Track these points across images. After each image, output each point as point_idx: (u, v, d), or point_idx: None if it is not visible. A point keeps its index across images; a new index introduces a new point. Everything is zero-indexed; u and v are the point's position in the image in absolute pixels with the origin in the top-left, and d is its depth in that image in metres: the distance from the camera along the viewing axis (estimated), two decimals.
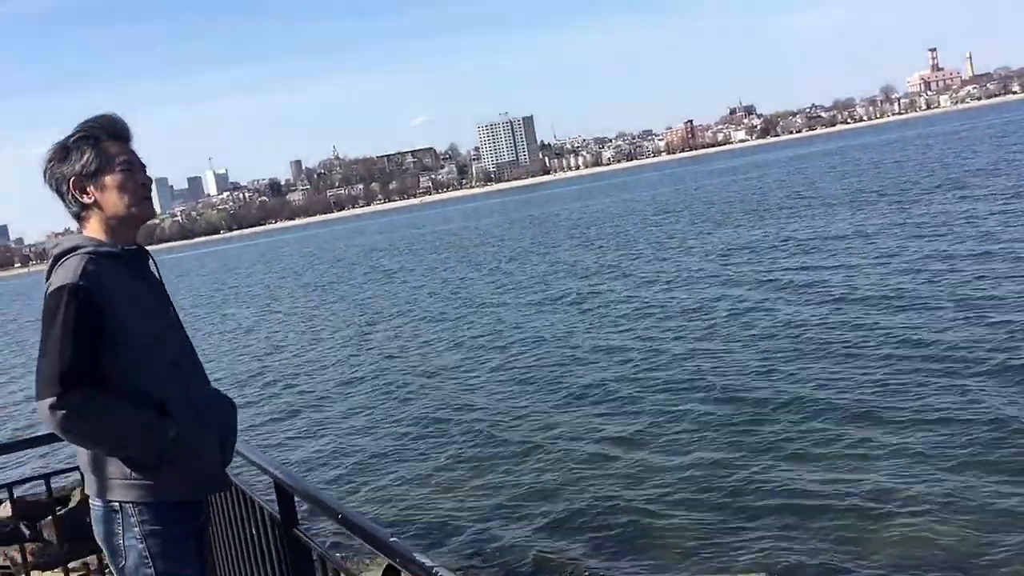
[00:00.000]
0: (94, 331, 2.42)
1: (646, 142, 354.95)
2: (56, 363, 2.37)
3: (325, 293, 35.93)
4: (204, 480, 2.68)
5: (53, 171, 2.62)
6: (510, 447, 10.90)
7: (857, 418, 9.73)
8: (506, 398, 13.33)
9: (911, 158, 58.67)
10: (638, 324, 17.25)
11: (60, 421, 2.37)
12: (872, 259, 20.10)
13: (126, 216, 2.66)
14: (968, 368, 10.82)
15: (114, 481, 2.53)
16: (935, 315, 13.76)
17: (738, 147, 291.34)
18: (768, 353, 13.17)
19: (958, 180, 36.05)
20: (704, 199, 55.19)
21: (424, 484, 10.14)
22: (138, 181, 2.68)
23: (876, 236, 23.84)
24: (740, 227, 33.00)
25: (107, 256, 2.55)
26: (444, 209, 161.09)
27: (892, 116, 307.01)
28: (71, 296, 2.41)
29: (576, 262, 30.74)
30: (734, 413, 10.64)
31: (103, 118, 2.67)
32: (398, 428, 12.79)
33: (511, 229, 59.87)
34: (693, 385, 12.15)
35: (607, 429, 10.91)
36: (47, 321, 2.42)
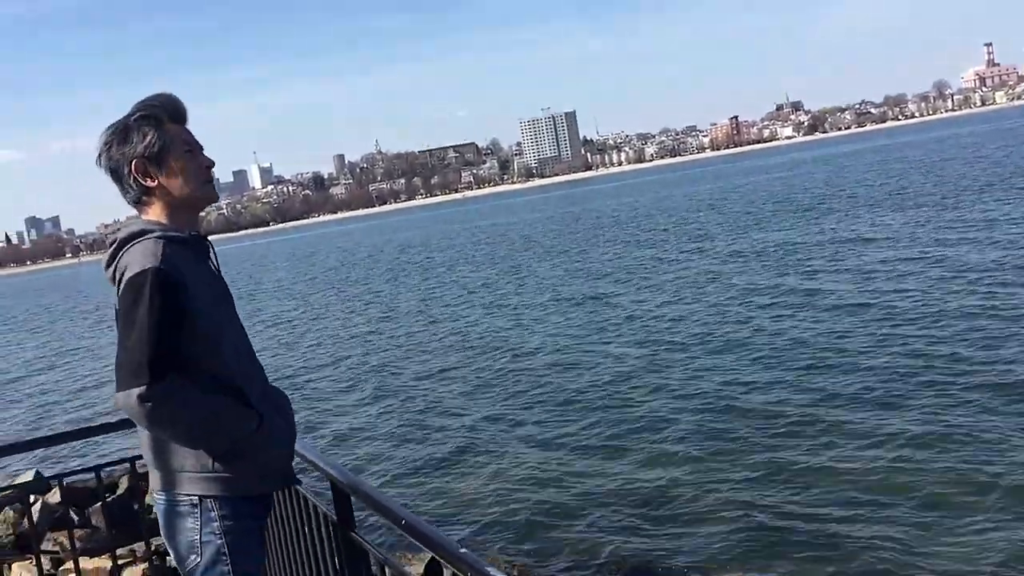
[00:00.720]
0: (178, 317, 2.32)
1: (690, 138, 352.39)
2: (144, 350, 2.25)
3: (354, 290, 36.05)
4: (277, 474, 2.59)
5: (112, 153, 2.49)
6: (531, 449, 10.78)
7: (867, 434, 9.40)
8: (510, 401, 13.23)
9: (958, 156, 57.32)
10: (665, 327, 17.00)
11: (149, 412, 2.26)
12: (897, 267, 19.35)
13: (191, 200, 2.56)
14: (977, 382, 10.44)
15: (191, 474, 2.43)
16: (947, 327, 13.29)
17: (784, 144, 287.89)
18: (770, 362, 12.95)
19: (1004, 180, 35.11)
20: (742, 198, 54.38)
21: (466, 479, 10.06)
22: (202, 164, 2.57)
23: (905, 242, 23.13)
24: (769, 229, 32.51)
25: (176, 241, 2.44)
26: (484, 204, 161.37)
27: (945, 113, 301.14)
28: (155, 280, 2.30)
29: (606, 262, 30.54)
30: (744, 424, 10.39)
31: (162, 97, 2.55)
32: (421, 420, 12.88)
33: (548, 226, 59.64)
34: (698, 394, 11.93)
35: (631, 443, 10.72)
36: (130, 307, 2.30)
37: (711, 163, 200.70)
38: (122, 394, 2.26)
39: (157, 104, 2.52)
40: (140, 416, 2.27)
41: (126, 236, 2.45)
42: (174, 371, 2.29)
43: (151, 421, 2.29)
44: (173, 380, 2.28)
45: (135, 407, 2.25)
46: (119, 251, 2.45)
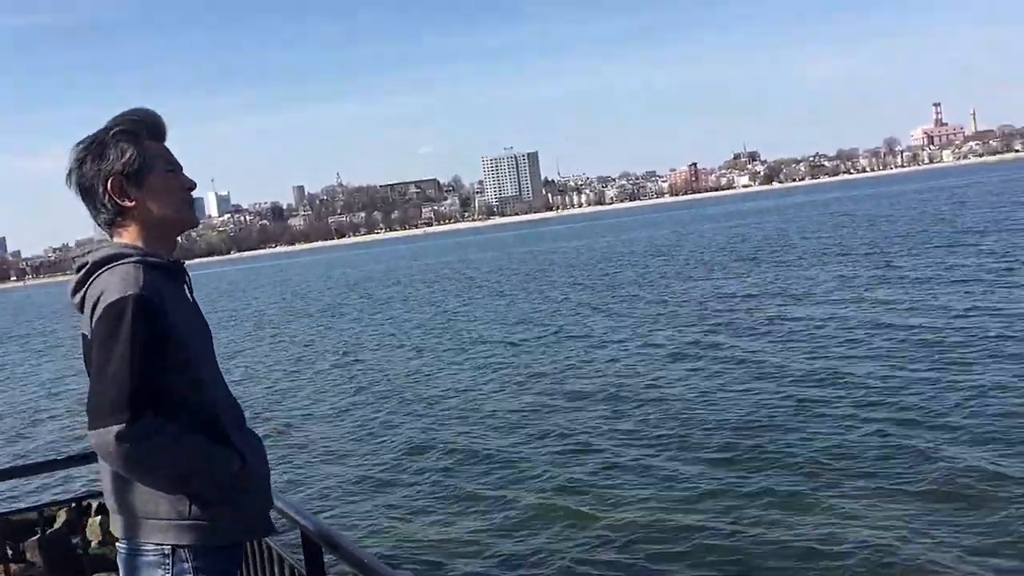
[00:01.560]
0: (160, 349, 2.13)
1: (649, 183, 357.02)
2: (123, 385, 2.06)
3: (309, 323, 35.61)
4: (257, 521, 2.38)
5: (85, 169, 2.29)
6: (510, 492, 10.57)
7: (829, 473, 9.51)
8: (484, 441, 13.01)
9: (903, 214, 58.58)
10: (609, 366, 17.07)
11: (127, 452, 2.06)
12: (837, 313, 19.78)
13: (170, 222, 2.37)
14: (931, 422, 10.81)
15: (164, 521, 2.20)
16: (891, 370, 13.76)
17: (741, 192, 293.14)
18: (711, 400, 13.23)
19: (947, 237, 35.92)
20: (697, 244, 55.02)
21: (445, 527, 9.78)
22: (183, 184, 2.40)
23: (851, 289, 23.57)
24: (720, 274, 32.88)
25: (155, 266, 2.24)
26: (444, 241, 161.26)
27: (895, 169, 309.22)
28: (136, 308, 2.10)
29: (554, 302, 30.67)
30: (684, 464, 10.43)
31: (141, 112, 2.37)
32: (377, 459, 12.61)
33: (506, 265, 59.73)
34: (643, 422, 12.22)
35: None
36: (106, 337, 2.10)
37: (669, 208, 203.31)
38: (97, 432, 2.07)
39: (136, 119, 2.35)
40: (116, 457, 2.08)
41: (99, 260, 2.25)
42: (153, 408, 2.10)
43: (128, 462, 2.09)
44: (153, 418, 2.10)
45: (111, 447, 2.06)
46: (90, 276, 2.25)
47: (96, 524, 10.09)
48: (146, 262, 2.22)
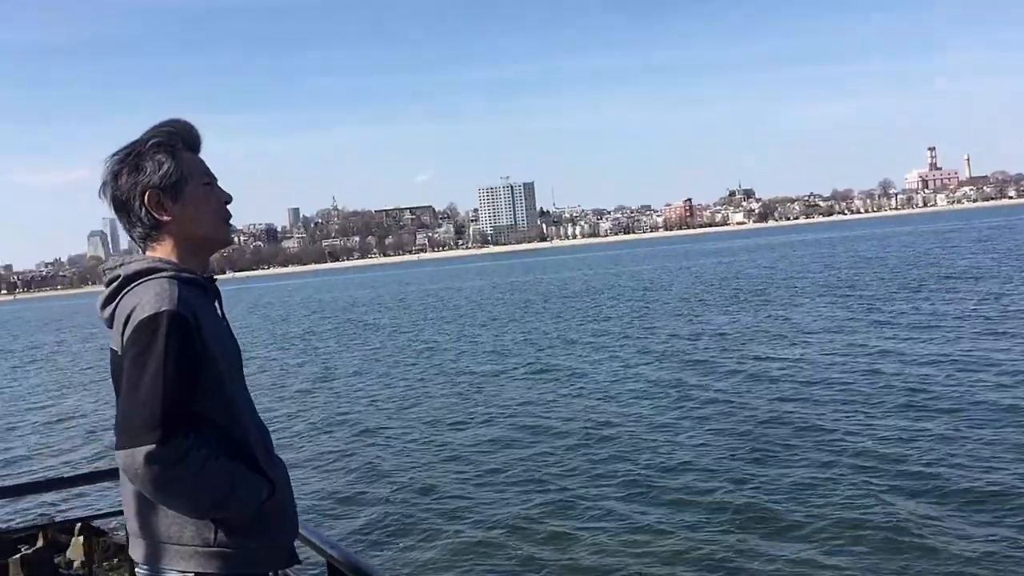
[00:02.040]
0: (194, 368, 2.05)
1: (644, 217, 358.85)
2: (156, 404, 1.97)
3: (297, 346, 35.51)
4: (283, 550, 2.26)
5: (121, 182, 2.21)
6: (536, 515, 10.45)
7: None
8: (504, 463, 12.90)
9: (896, 255, 58.97)
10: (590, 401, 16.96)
11: (156, 474, 1.97)
12: (824, 354, 19.78)
13: (205, 238, 2.30)
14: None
15: (189, 548, 2.10)
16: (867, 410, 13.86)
17: (735, 229, 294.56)
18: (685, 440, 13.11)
19: (937, 279, 36.15)
20: (689, 279, 55.10)
21: (472, 551, 9.66)
22: (220, 198, 2.34)
23: (838, 331, 23.56)
24: (711, 310, 32.87)
25: (189, 282, 2.17)
26: (437, 268, 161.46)
27: (889, 211, 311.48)
28: (171, 324, 2.02)
29: (538, 333, 30.67)
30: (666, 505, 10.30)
31: (178, 123, 2.29)
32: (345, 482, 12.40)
33: (495, 294, 59.82)
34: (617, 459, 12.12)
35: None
36: (140, 353, 2.01)
37: (663, 242, 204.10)
38: (126, 452, 1.97)
39: (173, 130, 2.28)
40: (145, 478, 1.97)
41: (131, 273, 2.17)
42: (184, 429, 2.01)
43: (156, 485, 1.99)
44: (186, 439, 2.01)
45: (140, 468, 1.96)
46: (121, 289, 2.17)
47: (79, 544, 9.96)
48: (180, 277, 2.16)
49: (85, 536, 10.16)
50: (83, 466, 15.32)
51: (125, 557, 9.43)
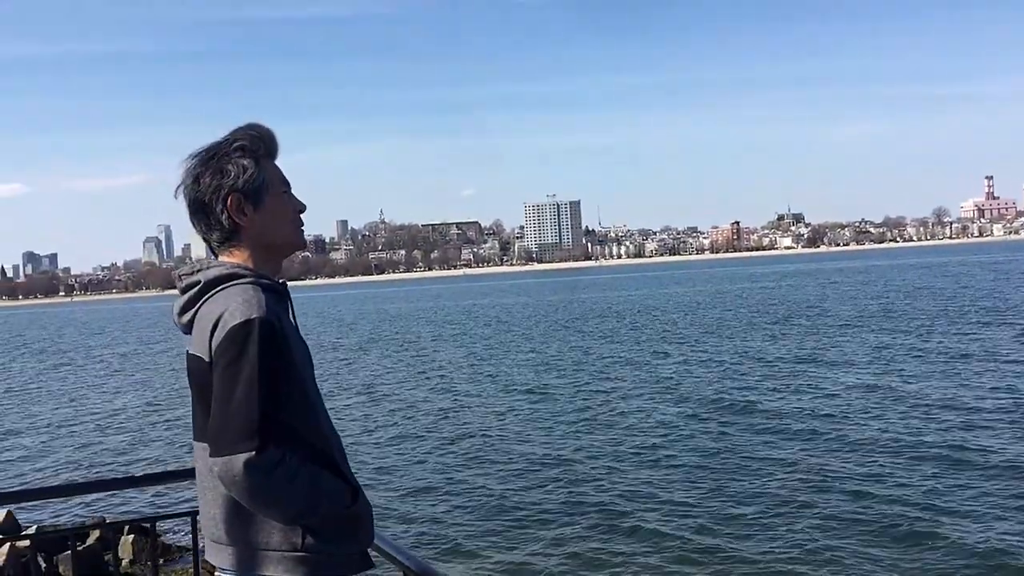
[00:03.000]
0: (283, 375, 2.07)
1: (690, 239, 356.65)
2: (252, 411, 1.99)
3: (355, 355, 35.95)
4: (361, 556, 2.28)
5: (203, 184, 2.21)
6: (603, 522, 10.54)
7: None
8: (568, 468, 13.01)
9: (949, 287, 57.67)
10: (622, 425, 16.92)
11: (256, 482, 1.99)
12: (858, 393, 18.92)
13: (282, 244, 2.31)
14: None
15: (277, 553, 2.12)
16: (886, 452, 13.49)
17: (783, 254, 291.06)
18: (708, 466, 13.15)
19: (980, 314, 35.26)
20: (733, 304, 54.47)
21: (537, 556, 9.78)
22: (295, 207, 2.34)
23: (875, 367, 22.83)
24: (750, 338, 32.41)
25: (269, 289, 2.17)
26: (481, 283, 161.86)
27: (943, 240, 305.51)
28: (262, 332, 2.03)
29: (582, 352, 30.57)
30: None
31: (262, 129, 2.30)
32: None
33: (537, 311, 59.89)
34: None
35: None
36: (233, 360, 2.02)
37: (710, 265, 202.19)
38: (224, 460, 1.99)
39: (256, 135, 2.26)
40: (243, 486, 1.99)
41: (212, 279, 2.17)
42: (278, 436, 2.03)
43: (254, 492, 2.01)
44: (278, 447, 2.03)
45: (239, 475, 1.98)
46: (202, 295, 2.18)
47: (128, 544, 10.26)
48: (261, 283, 2.15)
49: (135, 536, 10.47)
50: (135, 468, 15.70)
51: (177, 557, 9.59)
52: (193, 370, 2.17)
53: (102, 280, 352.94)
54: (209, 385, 2.07)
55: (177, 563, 10.05)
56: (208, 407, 2.07)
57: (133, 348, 49.26)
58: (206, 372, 2.10)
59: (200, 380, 2.14)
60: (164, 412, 22.78)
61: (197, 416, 2.20)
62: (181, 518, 4.02)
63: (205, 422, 2.10)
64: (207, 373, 2.09)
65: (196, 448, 2.21)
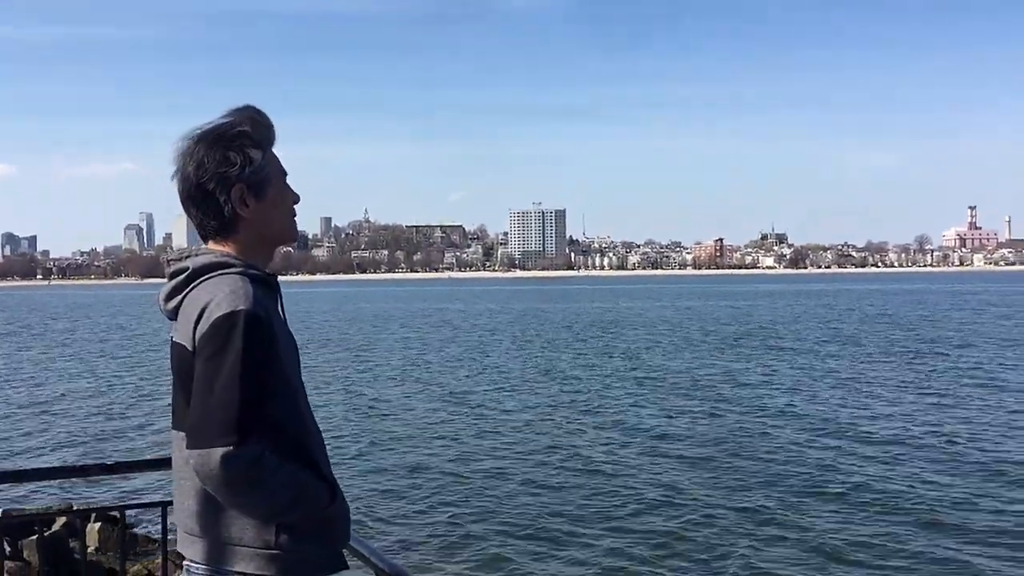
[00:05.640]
0: (267, 369, 2.03)
1: (673, 253, 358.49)
2: (232, 404, 1.95)
3: (337, 353, 35.77)
4: (336, 557, 2.23)
5: (206, 170, 2.13)
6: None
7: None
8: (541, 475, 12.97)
9: (929, 314, 58.31)
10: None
11: (232, 476, 1.94)
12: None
13: (277, 236, 2.27)
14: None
15: (250, 550, 2.07)
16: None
17: (764, 273, 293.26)
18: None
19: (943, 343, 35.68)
20: (705, 322, 54.85)
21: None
22: (293, 198, 2.30)
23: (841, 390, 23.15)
24: (711, 357, 32.63)
25: (259, 280, 2.13)
26: (463, 287, 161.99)
27: (924, 267, 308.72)
28: (248, 323, 1.99)
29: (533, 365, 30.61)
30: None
31: (261, 114, 2.23)
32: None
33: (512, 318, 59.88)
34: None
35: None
36: (217, 351, 1.98)
37: (692, 281, 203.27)
38: (201, 452, 1.95)
39: (259, 120, 2.21)
40: (220, 480, 1.95)
41: (200, 266, 2.13)
42: (259, 431, 1.99)
43: (232, 487, 1.97)
44: (259, 442, 1.98)
45: (216, 469, 1.94)
46: (190, 282, 2.13)
47: (95, 531, 10.08)
48: (250, 274, 2.11)
49: (102, 524, 10.29)
50: (105, 455, 15.48)
51: (145, 547, 9.40)
52: (176, 358, 2.13)
53: (81, 265, 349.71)
54: (191, 374, 2.03)
55: (145, 553, 9.88)
56: (189, 397, 2.03)
57: (109, 333, 48.81)
58: (189, 361, 2.05)
59: (183, 369, 2.09)
60: (146, 401, 22.53)
61: (177, 405, 2.15)
62: (152, 508, 3.94)
63: (185, 411, 2.06)
64: (190, 362, 2.05)
65: (174, 437, 2.15)
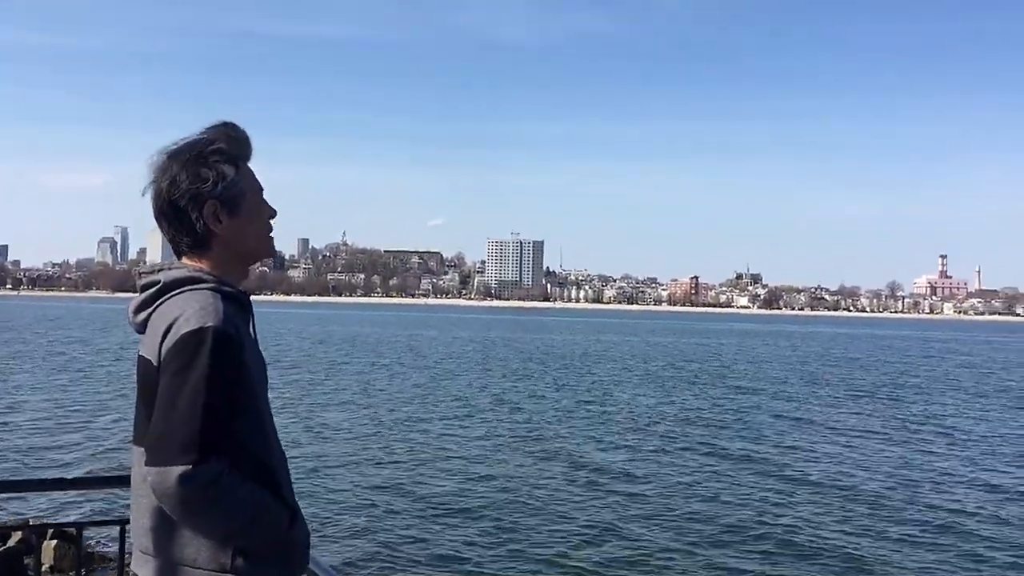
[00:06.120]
0: (233, 388, 1.99)
1: (649, 289, 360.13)
2: (194, 423, 1.91)
3: (308, 373, 35.48)
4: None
5: (180, 186, 2.11)
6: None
7: None
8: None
9: (900, 361, 58.97)
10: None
11: (188, 495, 1.91)
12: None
13: (252, 252, 2.24)
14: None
15: (204, 572, 2.03)
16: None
17: (739, 312, 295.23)
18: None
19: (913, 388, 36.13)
20: (677, 358, 55.14)
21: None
22: (269, 214, 2.26)
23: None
24: (674, 394, 32.76)
25: (230, 297, 2.09)
26: (435, 315, 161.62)
27: (895, 313, 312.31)
28: (216, 341, 1.95)
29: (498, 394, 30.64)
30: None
31: (238, 130, 2.20)
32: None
33: (483, 347, 59.79)
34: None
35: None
36: (181, 368, 1.94)
37: (666, 317, 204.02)
38: (159, 470, 1.91)
39: (235, 136, 2.18)
40: (175, 499, 1.92)
41: (172, 280, 2.10)
42: (220, 451, 1.95)
43: (186, 506, 1.93)
44: (219, 461, 1.94)
45: (172, 488, 1.90)
46: (160, 296, 2.10)
47: (51, 548, 9.90)
48: (222, 291, 2.08)
49: (57, 542, 10.10)
50: (63, 471, 15.21)
51: (100, 566, 9.25)
52: (141, 372, 2.09)
53: (52, 276, 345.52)
54: (155, 389, 1.99)
55: (102, 571, 9.70)
56: (152, 412, 1.99)
57: (74, 347, 48.14)
58: (154, 376, 2.02)
59: (147, 383, 2.06)
60: (111, 416, 22.20)
61: (139, 420, 2.10)
62: (109, 526, 3.87)
63: (146, 427, 2.02)
64: (154, 377, 2.01)
65: (134, 452, 2.10)
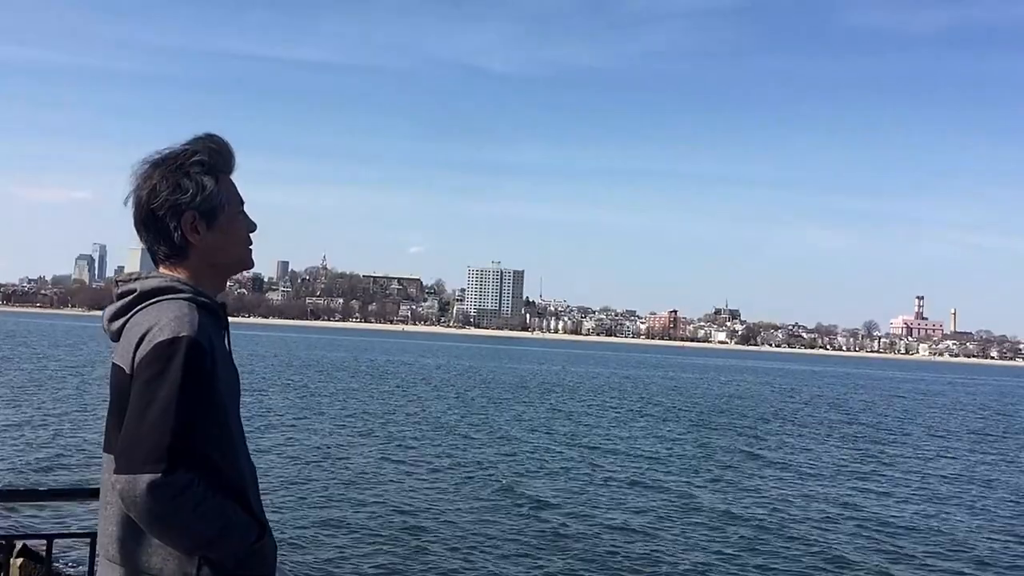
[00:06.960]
0: (206, 400, 2.00)
1: (628, 321, 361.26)
2: (164, 432, 1.91)
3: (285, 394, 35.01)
4: None
5: (159, 198, 2.12)
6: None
7: None
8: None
9: (875, 403, 59.25)
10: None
11: (156, 504, 1.91)
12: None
13: (230, 264, 2.26)
14: None
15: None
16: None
17: (716, 347, 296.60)
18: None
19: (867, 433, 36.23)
20: (648, 394, 55.12)
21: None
22: (247, 227, 2.28)
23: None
24: (645, 428, 32.75)
25: (206, 308, 2.10)
26: (413, 341, 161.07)
27: (870, 352, 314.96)
28: (189, 352, 1.97)
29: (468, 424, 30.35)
30: None
31: (219, 142, 2.22)
32: None
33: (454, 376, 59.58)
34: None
35: None
36: (153, 377, 1.95)
37: (643, 350, 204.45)
38: (127, 478, 1.91)
39: (216, 148, 2.20)
40: (143, 508, 1.91)
41: (147, 290, 2.10)
42: (189, 461, 1.96)
43: (153, 516, 1.92)
44: (188, 472, 1.95)
45: (140, 496, 1.90)
46: (135, 305, 2.10)
47: (17, 568, 9.50)
48: (198, 301, 2.09)
49: (24, 560, 9.71)
50: (38, 484, 14.77)
51: None
52: (114, 381, 2.10)
53: (27, 292, 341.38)
54: (127, 398, 2.01)
55: None
56: (123, 420, 2.00)
57: (45, 361, 47.38)
58: (126, 384, 2.03)
59: (119, 391, 2.07)
60: (80, 426, 21.70)
61: (110, 428, 2.10)
62: (80, 538, 3.70)
63: (117, 434, 2.02)
64: (127, 385, 2.02)
65: (105, 460, 2.11)
